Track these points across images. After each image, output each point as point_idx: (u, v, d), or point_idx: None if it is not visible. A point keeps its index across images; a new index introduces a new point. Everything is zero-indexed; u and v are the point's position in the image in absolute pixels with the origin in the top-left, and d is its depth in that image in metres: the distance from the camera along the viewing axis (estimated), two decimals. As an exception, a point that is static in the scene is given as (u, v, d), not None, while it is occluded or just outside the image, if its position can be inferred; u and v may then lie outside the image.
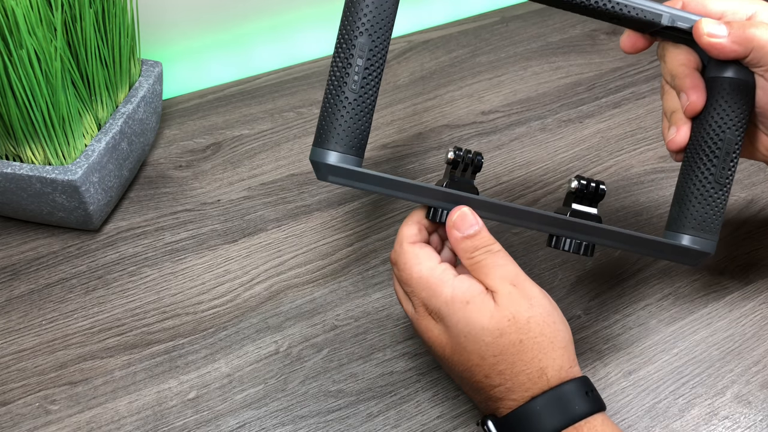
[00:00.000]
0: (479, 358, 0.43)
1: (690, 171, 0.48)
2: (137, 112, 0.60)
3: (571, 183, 0.48)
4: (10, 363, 0.52)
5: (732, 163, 0.47)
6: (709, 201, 0.47)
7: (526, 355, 0.43)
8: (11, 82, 0.49)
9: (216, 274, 0.58)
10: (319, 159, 0.45)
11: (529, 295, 0.44)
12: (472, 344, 0.43)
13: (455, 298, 0.43)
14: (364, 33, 0.44)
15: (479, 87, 0.77)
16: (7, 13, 0.47)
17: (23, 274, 0.57)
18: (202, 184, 0.65)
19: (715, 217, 0.48)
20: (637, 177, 0.68)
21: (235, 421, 0.49)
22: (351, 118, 0.44)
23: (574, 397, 0.42)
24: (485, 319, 0.43)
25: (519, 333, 0.43)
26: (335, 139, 0.45)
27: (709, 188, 0.47)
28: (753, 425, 0.50)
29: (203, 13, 0.75)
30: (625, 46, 0.49)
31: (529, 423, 0.42)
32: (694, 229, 0.48)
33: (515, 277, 0.44)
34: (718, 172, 0.47)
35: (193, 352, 0.53)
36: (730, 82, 0.46)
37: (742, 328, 0.56)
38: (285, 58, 0.79)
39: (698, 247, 0.47)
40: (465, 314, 0.43)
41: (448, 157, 0.47)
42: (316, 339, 0.54)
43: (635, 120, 0.74)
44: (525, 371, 0.43)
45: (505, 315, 0.43)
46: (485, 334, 0.43)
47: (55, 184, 0.54)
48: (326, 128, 0.45)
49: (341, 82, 0.44)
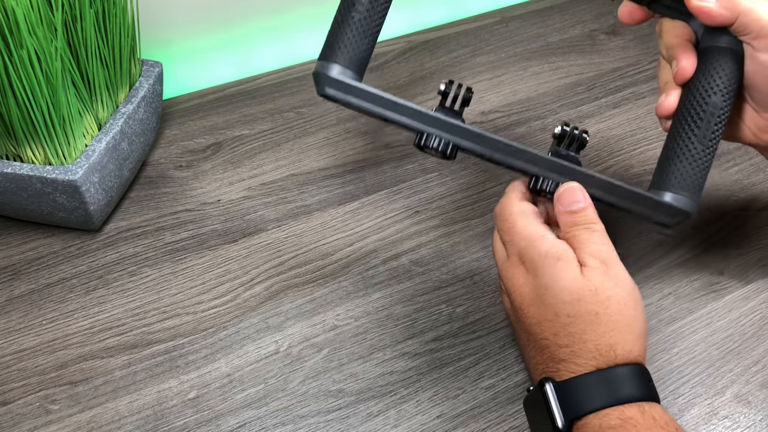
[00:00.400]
0: (553, 315, 0.44)
1: (675, 132, 0.49)
2: (137, 112, 0.60)
3: (555, 128, 0.49)
4: (11, 363, 0.52)
5: (716, 126, 0.48)
6: (691, 160, 0.48)
7: (599, 328, 0.44)
8: (12, 82, 0.50)
9: (216, 274, 0.58)
10: (320, 70, 0.47)
11: (616, 276, 0.45)
12: (551, 298, 0.44)
13: (549, 253, 0.45)
14: None
15: (479, 87, 0.77)
16: (8, 13, 0.47)
17: (23, 274, 0.57)
18: (202, 184, 0.65)
19: (697, 177, 0.48)
20: (637, 177, 0.68)
21: (235, 420, 0.49)
22: (354, 36, 0.47)
23: (640, 380, 0.43)
24: (569, 279, 0.44)
25: (597, 305, 0.44)
26: (338, 55, 0.47)
27: (692, 148, 0.48)
28: (753, 425, 0.50)
29: (203, 13, 0.75)
30: (623, 15, 0.51)
31: (589, 392, 0.42)
32: (675, 187, 0.48)
33: (607, 257, 0.45)
34: (702, 133, 0.48)
35: (193, 352, 0.53)
36: (720, 50, 0.48)
37: (742, 328, 0.56)
38: (285, 58, 0.79)
39: (678, 204, 0.48)
40: (553, 269, 0.45)
41: (439, 88, 0.49)
42: (316, 339, 0.54)
43: (635, 120, 0.74)
44: (594, 341, 0.43)
45: (588, 285, 0.44)
46: (565, 293, 0.44)
47: (55, 184, 0.54)
48: (331, 44, 0.47)
49: (350, 2, 0.47)
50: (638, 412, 0.42)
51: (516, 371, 0.53)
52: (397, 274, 0.59)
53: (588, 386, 0.43)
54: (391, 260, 0.60)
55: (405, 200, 0.64)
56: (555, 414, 0.43)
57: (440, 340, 0.54)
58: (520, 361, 0.53)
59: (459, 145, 0.48)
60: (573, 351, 0.44)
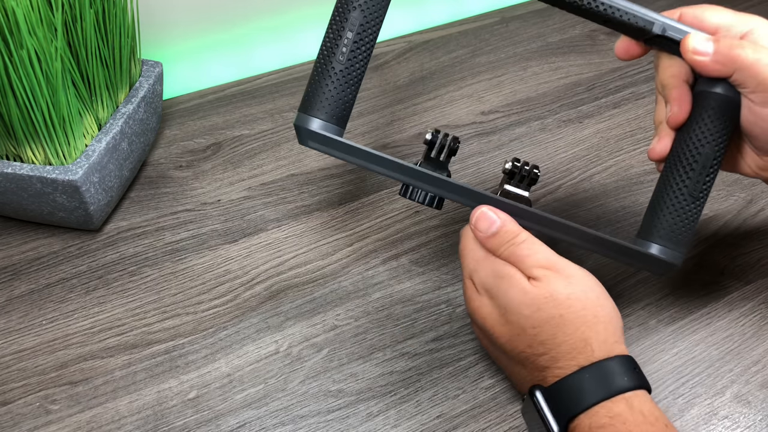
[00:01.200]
0: (520, 329, 0.45)
1: (666, 181, 0.48)
2: (137, 112, 0.60)
3: (505, 164, 0.49)
4: (11, 363, 0.52)
5: (708, 177, 0.47)
6: (680, 213, 0.48)
7: (567, 328, 0.44)
8: (12, 83, 0.50)
9: (216, 273, 0.58)
10: (301, 124, 0.47)
11: (566, 274, 0.45)
12: (512, 316, 0.45)
13: (495, 273, 0.46)
14: (357, 8, 0.45)
15: (479, 87, 0.77)
16: (8, 13, 0.47)
17: (24, 274, 0.57)
18: (202, 184, 0.65)
19: (686, 230, 0.48)
20: (636, 177, 0.68)
21: (235, 420, 0.49)
22: (335, 88, 0.46)
23: (623, 371, 0.43)
24: (520, 294, 0.45)
25: (558, 309, 0.44)
26: (318, 107, 0.46)
27: (682, 200, 0.47)
28: (752, 425, 0.50)
29: (203, 13, 0.75)
30: (619, 51, 0.50)
31: (577, 392, 0.43)
32: (663, 239, 0.48)
33: (547, 261, 0.46)
34: (693, 185, 0.47)
35: (193, 352, 0.53)
36: (716, 98, 0.46)
37: (742, 328, 0.56)
38: (285, 58, 0.79)
39: (665, 257, 0.48)
40: (503, 288, 0.46)
41: (426, 138, 0.48)
42: (316, 339, 0.54)
43: (635, 120, 0.74)
44: (567, 341, 0.44)
45: (542, 293, 0.44)
46: (522, 307, 0.45)
47: (55, 184, 0.54)
48: (312, 95, 0.47)
49: (330, 53, 0.46)
50: (626, 407, 0.42)
51: (516, 371, 0.53)
52: (397, 274, 0.59)
53: (574, 386, 0.43)
54: (391, 260, 0.60)
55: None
56: (549, 419, 0.43)
57: (440, 340, 0.54)
58: (520, 361, 0.53)
59: (444, 197, 0.49)
60: (551, 356, 0.44)
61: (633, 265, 0.49)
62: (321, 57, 0.47)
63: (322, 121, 0.47)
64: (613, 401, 0.42)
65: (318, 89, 0.47)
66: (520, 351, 0.45)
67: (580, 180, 0.67)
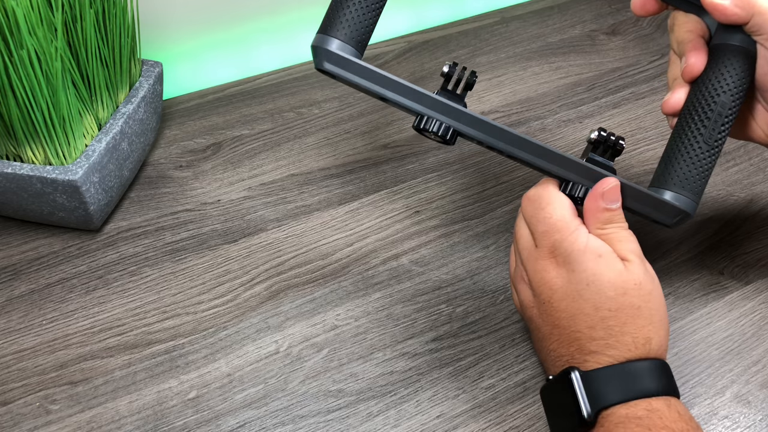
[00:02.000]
0: (593, 308, 0.44)
1: (681, 130, 0.48)
2: (137, 112, 0.60)
3: (591, 133, 0.48)
4: (11, 363, 0.52)
5: (723, 126, 0.47)
6: (695, 160, 0.47)
7: (639, 321, 0.44)
8: (12, 82, 0.50)
9: (216, 273, 0.58)
10: (319, 44, 0.46)
11: (652, 273, 0.46)
12: (593, 294, 0.44)
13: (588, 249, 0.45)
14: None
15: (479, 87, 0.77)
16: (8, 13, 0.47)
17: (23, 274, 0.57)
18: (202, 184, 0.65)
19: (699, 177, 0.47)
20: (636, 177, 0.68)
21: (235, 420, 0.49)
22: (357, 10, 0.45)
23: (667, 375, 0.44)
24: (614, 274, 0.45)
25: (640, 299, 0.44)
26: (338, 28, 0.45)
27: (697, 148, 0.47)
28: (753, 425, 0.50)
29: (203, 13, 0.75)
30: (636, 6, 0.50)
31: (623, 382, 0.43)
32: (677, 186, 0.48)
33: (640, 254, 0.46)
34: (708, 133, 0.47)
35: (193, 352, 0.53)
36: (732, 49, 0.47)
37: (742, 328, 0.56)
38: (285, 58, 0.79)
39: (678, 204, 0.48)
40: (595, 265, 0.45)
41: (443, 70, 0.47)
42: (316, 339, 0.54)
43: (635, 120, 0.74)
44: (632, 333, 0.44)
45: (633, 279, 0.45)
46: (609, 288, 0.44)
47: (55, 184, 0.54)
48: (332, 16, 0.46)
49: None
50: (665, 404, 0.42)
51: (516, 371, 0.53)
52: (397, 274, 0.59)
53: (617, 377, 0.43)
54: (391, 260, 0.60)
55: (405, 200, 0.64)
56: (581, 403, 0.43)
57: (440, 340, 0.54)
58: (520, 361, 0.53)
59: (459, 130, 0.47)
60: (608, 343, 0.44)
61: (645, 214, 0.49)
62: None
63: (341, 41, 0.45)
64: (656, 399, 0.43)
65: (339, 10, 0.46)
66: (576, 329, 0.45)
67: (580, 180, 0.67)
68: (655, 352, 0.44)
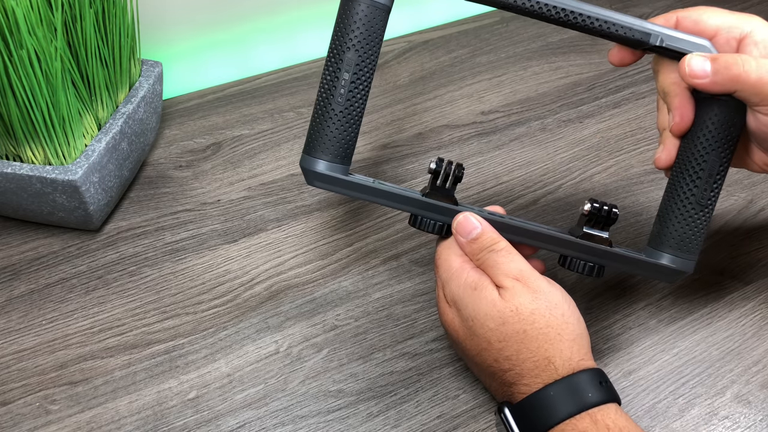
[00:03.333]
0: (486, 343, 0.45)
1: (673, 190, 0.48)
2: (137, 112, 0.60)
3: (584, 205, 0.49)
4: (11, 363, 0.52)
5: (715, 185, 0.47)
6: (689, 222, 0.48)
7: (531, 344, 0.44)
8: (11, 82, 0.49)
9: (216, 274, 0.58)
10: (307, 166, 0.48)
11: (533, 288, 0.45)
12: (479, 328, 0.45)
13: (467, 284, 0.46)
14: (352, 48, 0.46)
15: (479, 87, 0.77)
16: (8, 13, 0.47)
17: (23, 274, 0.57)
18: (202, 184, 0.65)
19: (695, 238, 0.48)
20: (637, 177, 0.68)
21: (235, 421, 0.49)
22: (337, 129, 0.47)
23: (588, 386, 0.43)
24: (488, 306, 0.45)
25: (523, 323, 0.44)
26: (322, 149, 0.47)
27: (690, 209, 0.48)
28: (753, 425, 0.50)
29: (203, 13, 0.75)
30: (614, 59, 0.49)
31: (542, 409, 0.43)
32: (673, 248, 0.48)
33: (519, 273, 0.46)
34: (700, 194, 0.47)
35: (193, 352, 0.53)
36: (719, 105, 0.46)
37: (742, 328, 0.56)
38: (285, 58, 0.79)
39: (676, 266, 0.48)
40: (472, 299, 0.45)
41: (430, 167, 0.48)
42: (316, 339, 0.54)
43: (635, 120, 0.74)
44: (531, 359, 0.44)
45: (508, 306, 0.44)
46: (488, 319, 0.45)
47: (55, 184, 0.54)
48: (314, 137, 0.47)
49: (329, 95, 0.47)
50: (591, 423, 0.42)
51: (516, 371, 0.53)
52: (397, 274, 0.59)
53: (540, 403, 0.43)
54: (391, 260, 0.60)
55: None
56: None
57: (440, 340, 0.54)
58: (520, 361, 0.53)
59: None
60: (517, 373, 0.44)
61: (646, 275, 0.50)
62: (320, 99, 0.47)
63: (326, 162, 0.47)
64: (578, 418, 0.42)
65: (320, 131, 0.47)
66: (488, 365, 0.46)
67: (581, 180, 0.67)
68: (566, 368, 0.43)
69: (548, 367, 0.43)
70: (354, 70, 0.46)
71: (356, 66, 0.46)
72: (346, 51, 0.46)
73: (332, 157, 0.47)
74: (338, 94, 0.46)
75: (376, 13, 0.46)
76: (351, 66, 0.46)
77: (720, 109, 0.46)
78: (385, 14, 0.46)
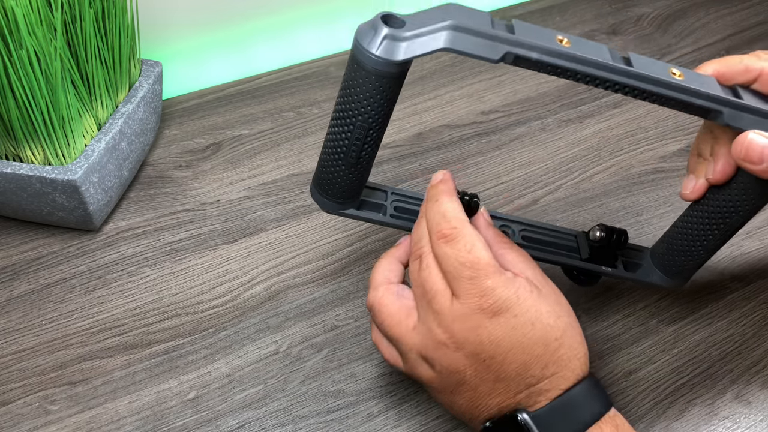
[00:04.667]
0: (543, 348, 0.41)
1: (689, 225, 0.48)
2: (137, 112, 0.60)
3: (593, 232, 0.49)
4: (10, 363, 0.52)
5: (728, 236, 0.47)
6: (693, 257, 0.49)
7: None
8: (11, 82, 0.49)
9: (216, 274, 0.58)
10: (316, 200, 0.48)
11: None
12: (539, 332, 0.41)
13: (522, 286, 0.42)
14: (364, 114, 0.41)
15: (479, 87, 0.77)
16: (7, 13, 0.47)
17: (23, 274, 0.57)
18: (202, 184, 0.65)
19: (692, 270, 0.50)
20: (637, 177, 0.68)
21: (235, 421, 0.49)
22: (346, 179, 0.45)
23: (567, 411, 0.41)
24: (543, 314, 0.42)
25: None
26: (329, 191, 0.46)
27: (696, 249, 0.48)
28: (753, 425, 0.50)
29: (203, 12, 0.75)
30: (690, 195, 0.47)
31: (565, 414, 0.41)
32: (671, 273, 0.51)
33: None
34: (713, 242, 0.48)
35: (193, 352, 0.53)
36: (757, 180, 0.43)
37: (742, 329, 0.56)
38: (285, 58, 0.79)
39: (668, 286, 0.51)
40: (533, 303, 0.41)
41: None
42: (316, 339, 0.54)
43: (635, 120, 0.74)
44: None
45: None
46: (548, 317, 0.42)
47: (55, 184, 0.54)
48: (322, 179, 0.46)
49: (338, 150, 0.43)
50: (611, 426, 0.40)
51: (516, 371, 0.53)
52: (397, 274, 0.59)
53: (561, 409, 0.41)
54: (391, 260, 0.60)
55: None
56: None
57: (440, 341, 0.54)
58: (520, 362, 0.53)
59: None
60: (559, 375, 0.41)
61: (639, 285, 0.53)
62: (329, 149, 0.44)
63: (334, 203, 0.47)
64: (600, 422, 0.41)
65: (328, 178, 0.45)
66: (531, 374, 0.41)
67: (581, 180, 0.67)
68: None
69: (586, 364, 0.43)
70: (366, 134, 0.42)
71: (369, 130, 0.42)
72: (356, 118, 0.41)
73: (341, 200, 0.47)
74: (349, 153, 0.43)
75: (391, 82, 0.40)
76: (364, 130, 0.42)
77: (756, 181, 0.43)
78: (399, 80, 0.40)
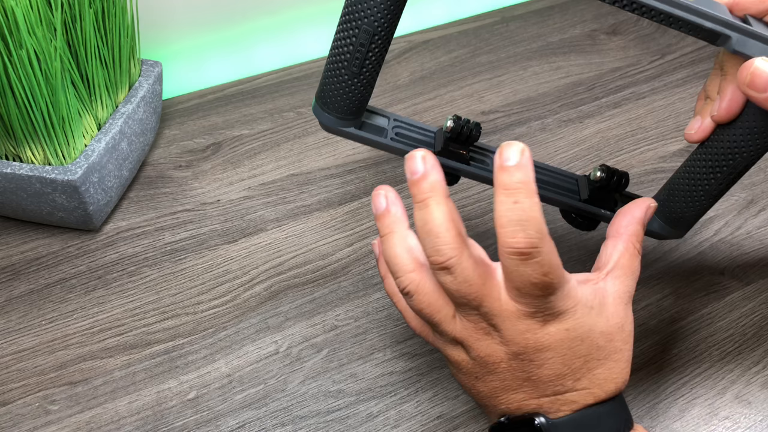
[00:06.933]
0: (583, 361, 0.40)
1: (691, 169, 0.47)
2: (137, 112, 0.60)
3: (595, 172, 0.49)
4: (10, 363, 0.52)
5: (732, 181, 0.46)
6: (695, 205, 0.48)
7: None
8: (11, 82, 0.49)
9: (216, 274, 0.58)
10: (317, 115, 0.47)
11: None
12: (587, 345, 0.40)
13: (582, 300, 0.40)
14: (370, 17, 0.41)
15: (479, 87, 0.77)
16: (7, 13, 0.47)
17: (23, 274, 0.57)
18: (202, 184, 0.65)
19: (693, 219, 0.49)
20: (637, 177, 0.68)
21: (234, 421, 0.49)
22: (349, 92, 0.44)
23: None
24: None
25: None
26: (332, 105, 0.45)
27: (701, 196, 0.47)
28: (753, 425, 0.50)
29: (203, 12, 0.75)
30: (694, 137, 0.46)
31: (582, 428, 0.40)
32: (671, 222, 0.49)
33: None
34: (714, 186, 0.47)
35: (192, 352, 0.53)
36: (763, 120, 0.43)
37: (743, 329, 0.56)
38: (285, 58, 0.79)
39: (666, 234, 0.50)
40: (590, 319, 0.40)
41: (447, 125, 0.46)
42: (316, 339, 0.54)
43: (635, 120, 0.74)
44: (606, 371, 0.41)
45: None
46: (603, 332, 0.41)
47: (54, 184, 0.54)
48: (325, 92, 0.45)
49: (342, 59, 0.43)
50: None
51: (516, 371, 0.53)
52: (397, 275, 0.59)
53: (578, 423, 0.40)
54: (391, 260, 0.60)
55: (405, 200, 0.64)
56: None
57: (440, 341, 0.54)
58: (520, 362, 0.53)
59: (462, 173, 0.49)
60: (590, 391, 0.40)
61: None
62: (333, 59, 0.44)
63: (336, 118, 0.46)
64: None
65: (331, 90, 0.45)
66: (559, 383, 0.40)
67: (581, 180, 0.67)
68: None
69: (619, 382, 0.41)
70: (371, 40, 0.42)
71: (374, 36, 0.42)
72: (362, 23, 0.41)
73: (343, 115, 0.45)
74: (353, 62, 0.43)
75: None
76: (369, 36, 0.42)
77: (763, 116, 0.42)
78: None
